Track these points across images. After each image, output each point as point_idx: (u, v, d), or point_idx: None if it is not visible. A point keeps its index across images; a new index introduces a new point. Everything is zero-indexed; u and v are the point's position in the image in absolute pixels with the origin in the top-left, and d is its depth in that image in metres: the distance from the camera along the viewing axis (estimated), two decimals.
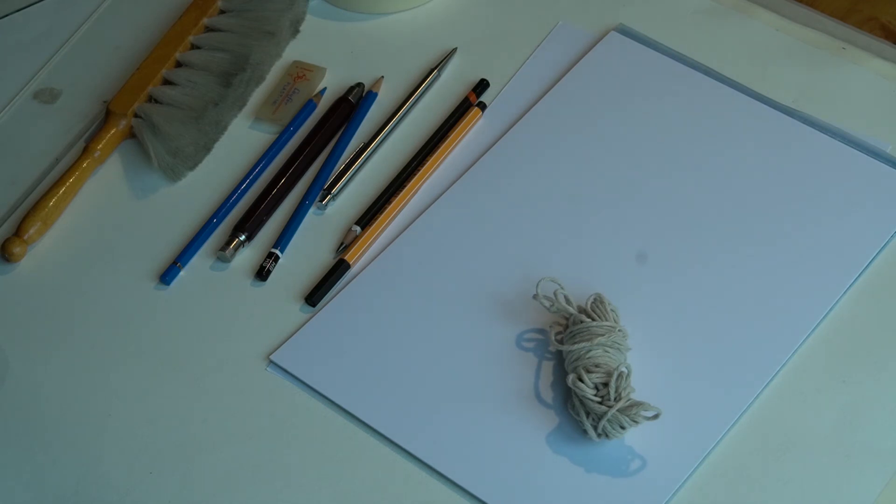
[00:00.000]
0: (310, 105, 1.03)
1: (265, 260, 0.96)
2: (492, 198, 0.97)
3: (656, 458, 0.85)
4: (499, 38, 1.05)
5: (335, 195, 0.99)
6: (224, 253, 0.96)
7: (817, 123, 0.98)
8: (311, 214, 0.99)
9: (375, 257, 0.96)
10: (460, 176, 0.99)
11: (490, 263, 0.94)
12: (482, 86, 1.03)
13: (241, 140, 1.03)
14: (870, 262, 0.92)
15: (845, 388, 0.88)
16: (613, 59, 1.03)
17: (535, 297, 0.89)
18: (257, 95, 1.05)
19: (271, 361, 0.92)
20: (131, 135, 1.03)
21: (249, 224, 0.97)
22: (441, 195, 0.98)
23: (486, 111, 1.02)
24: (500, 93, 1.03)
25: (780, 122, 0.98)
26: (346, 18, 1.08)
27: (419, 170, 0.99)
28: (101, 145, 1.01)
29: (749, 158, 0.97)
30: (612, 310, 0.88)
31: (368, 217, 0.98)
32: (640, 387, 0.86)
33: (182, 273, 0.96)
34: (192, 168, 1.01)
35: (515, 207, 0.97)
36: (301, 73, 1.05)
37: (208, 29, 1.06)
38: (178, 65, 1.05)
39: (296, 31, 1.08)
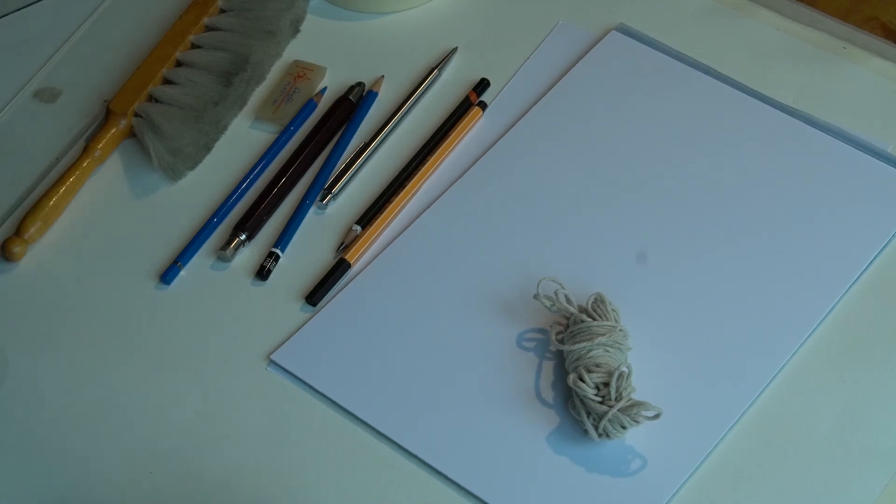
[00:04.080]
0: (310, 104, 1.03)
1: (265, 259, 0.96)
2: (492, 197, 0.97)
3: (656, 458, 0.85)
4: (499, 38, 1.05)
5: (336, 195, 0.99)
6: (224, 252, 0.96)
7: (818, 123, 0.98)
8: (312, 214, 0.99)
9: (376, 257, 0.96)
10: (461, 175, 0.99)
11: (490, 263, 0.94)
12: (483, 85, 1.03)
13: (242, 140, 1.03)
14: (870, 262, 0.92)
15: (845, 388, 0.88)
16: (614, 58, 1.03)
17: (535, 296, 0.89)
18: (258, 95, 1.05)
19: (272, 361, 0.92)
20: (131, 134, 1.03)
21: (250, 223, 0.97)
22: (442, 195, 0.98)
23: (487, 110, 1.02)
24: (500, 92, 1.03)
25: (781, 122, 0.98)
26: (347, 18, 1.08)
27: (420, 169, 0.99)
28: (101, 145, 1.01)
29: (750, 158, 0.97)
30: (612, 309, 0.88)
31: (369, 216, 0.98)
32: (640, 387, 0.86)
33: (182, 273, 0.96)
34: (192, 167, 1.01)
35: (516, 207, 0.97)
36: (301, 72, 1.05)
37: (209, 28, 1.06)
38: (179, 64, 1.05)
39: (296, 31, 1.08)
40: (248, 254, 0.97)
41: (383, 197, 0.98)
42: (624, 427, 0.84)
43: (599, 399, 0.84)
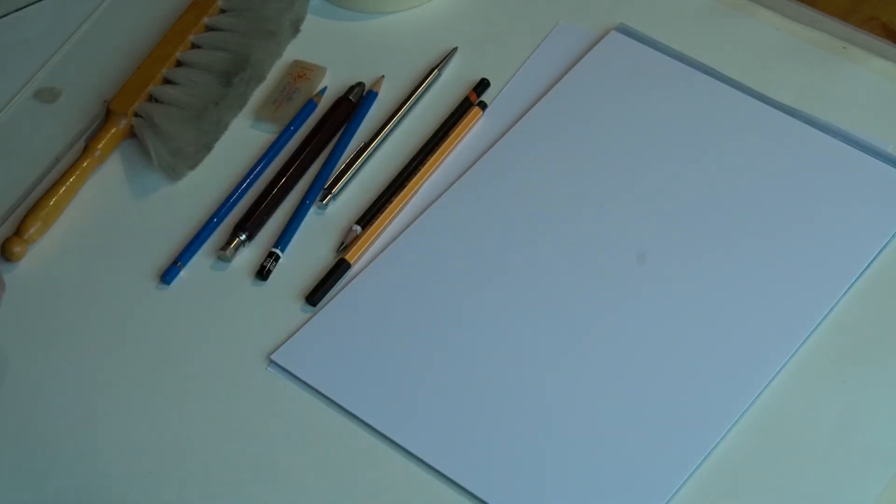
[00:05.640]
0: (310, 104, 1.03)
1: (266, 259, 0.96)
2: (492, 197, 0.97)
3: (656, 458, 0.85)
4: (499, 38, 1.05)
5: (336, 195, 0.99)
6: (225, 252, 0.96)
7: (818, 123, 0.98)
8: (312, 214, 0.99)
9: (376, 257, 0.96)
10: (461, 175, 0.99)
11: (490, 262, 0.94)
12: (483, 85, 1.03)
13: (242, 139, 1.03)
14: (871, 262, 0.92)
15: (845, 388, 0.88)
16: (614, 58, 1.03)
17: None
18: (258, 95, 1.05)
19: (272, 361, 0.92)
20: (132, 134, 1.03)
21: (250, 223, 0.97)
22: (442, 195, 0.98)
23: (487, 111, 1.02)
24: (500, 92, 1.03)
25: (781, 122, 0.98)
26: (347, 18, 1.08)
27: (420, 169, 0.99)
28: (101, 144, 1.01)
29: (750, 158, 0.97)
30: None
31: (369, 216, 0.98)
32: (640, 386, 0.86)
33: (183, 272, 0.96)
34: (192, 167, 1.01)
35: (516, 207, 0.97)
36: (301, 72, 1.05)
37: (209, 28, 1.06)
38: (179, 64, 1.05)
39: (296, 31, 1.08)
40: (248, 254, 0.97)
41: (383, 197, 0.98)
42: None
43: None
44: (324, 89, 1.04)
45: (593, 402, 0.88)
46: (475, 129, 1.01)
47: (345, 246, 0.96)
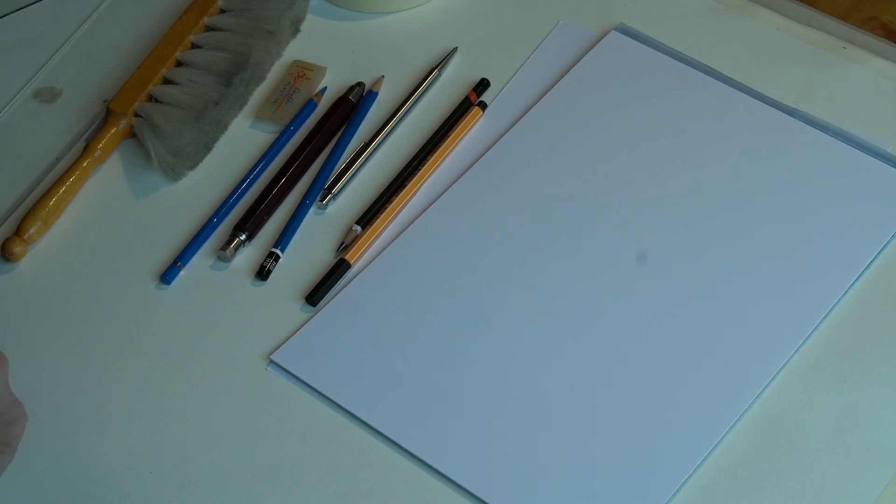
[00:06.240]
0: (310, 104, 1.03)
1: (266, 259, 0.96)
2: (492, 197, 0.97)
3: (656, 458, 0.85)
4: (499, 38, 1.05)
5: (336, 195, 0.99)
6: (224, 252, 0.96)
7: (818, 123, 0.98)
8: (312, 214, 0.99)
9: (376, 257, 0.96)
10: (461, 175, 0.99)
11: (490, 263, 0.94)
12: (483, 85, 1.03)
13: (242, 139, 1.03)
14: (871, 262, 0.92)
15: (845, 388, 0.88)
16: (614, 58, 1.03)
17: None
18: (258, 95, 1.05)
19: (272, 361, 0.92)
20: (132, 134, 1.03)
21: (250, 223, 0.97)
22: (442, 194, 0.98)
23: (487, 111, 1.02)
24: (500, 92, 1.03)
25: (781, 122, 0.98)
26: (347, 18, 1.08)
27: (420, 169, 0.99)
28: (101, 145, 1.01)
29: (750, 158, 0.97)
30: None
31: (369, 216, 0.98)
32: (640, 385, 0.86)
33: (182, 272, 0.96)
34: (192, 167, 1.01)
35: (516, 207, 0.97)
36: (301, 72, 1.05)
37: (209, 28, 1.06)
38: (179, 64, 1.05)
39: (296, 31, 1.08)
40: (248, 254, 0.97)
41: (383, 197, 0.98)
42: None
43: None
44: (324, 89, 1.05)
45: (593, 401, 0.88)
46: (475, 129, 1.01)
47: (345, 246, 0.96)
